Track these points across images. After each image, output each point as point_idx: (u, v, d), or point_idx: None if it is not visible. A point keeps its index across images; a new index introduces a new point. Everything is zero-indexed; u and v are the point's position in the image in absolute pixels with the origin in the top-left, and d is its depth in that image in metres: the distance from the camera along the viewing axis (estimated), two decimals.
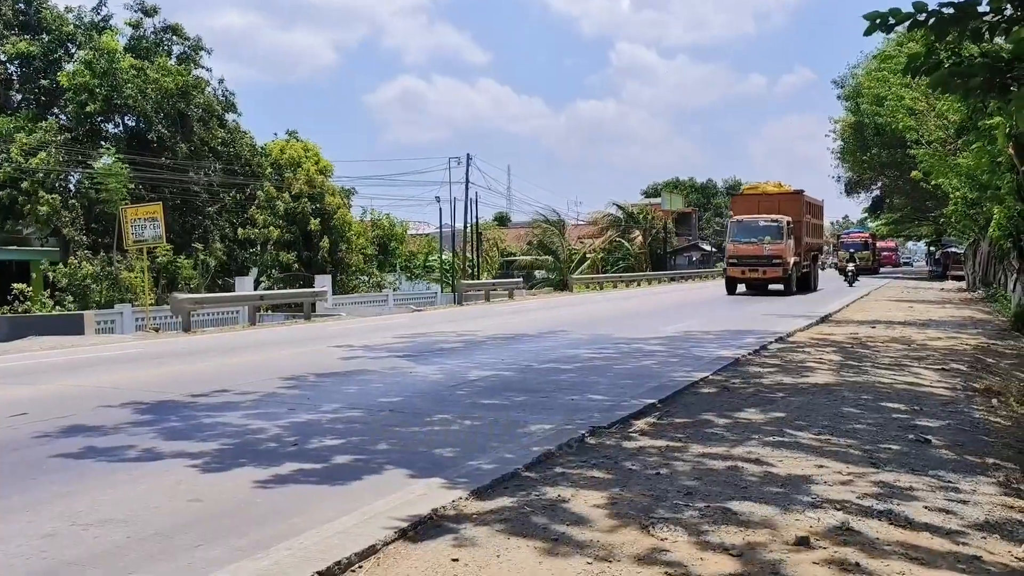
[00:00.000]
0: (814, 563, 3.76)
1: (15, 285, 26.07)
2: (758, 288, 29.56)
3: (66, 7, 35.68)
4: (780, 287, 29.32)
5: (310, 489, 5.13)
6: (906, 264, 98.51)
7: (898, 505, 4.63)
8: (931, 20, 5.84)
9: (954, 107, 19.40)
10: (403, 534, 4.16)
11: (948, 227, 40.21)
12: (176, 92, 33.33)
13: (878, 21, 5.84)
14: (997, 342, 14.40)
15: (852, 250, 49.01)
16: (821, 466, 5.48)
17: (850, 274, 37.80)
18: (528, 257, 53.31)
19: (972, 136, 18.38)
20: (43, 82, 33.57)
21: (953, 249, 53.04)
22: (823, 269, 47.16)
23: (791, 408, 7.57)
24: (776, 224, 28.88)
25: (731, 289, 29.78)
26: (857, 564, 3.75)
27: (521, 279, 39.66)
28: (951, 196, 26.39)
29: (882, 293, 31.78)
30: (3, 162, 29.72)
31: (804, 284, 31.32)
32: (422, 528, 4.26)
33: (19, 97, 34.87)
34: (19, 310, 25.32)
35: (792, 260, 28.92)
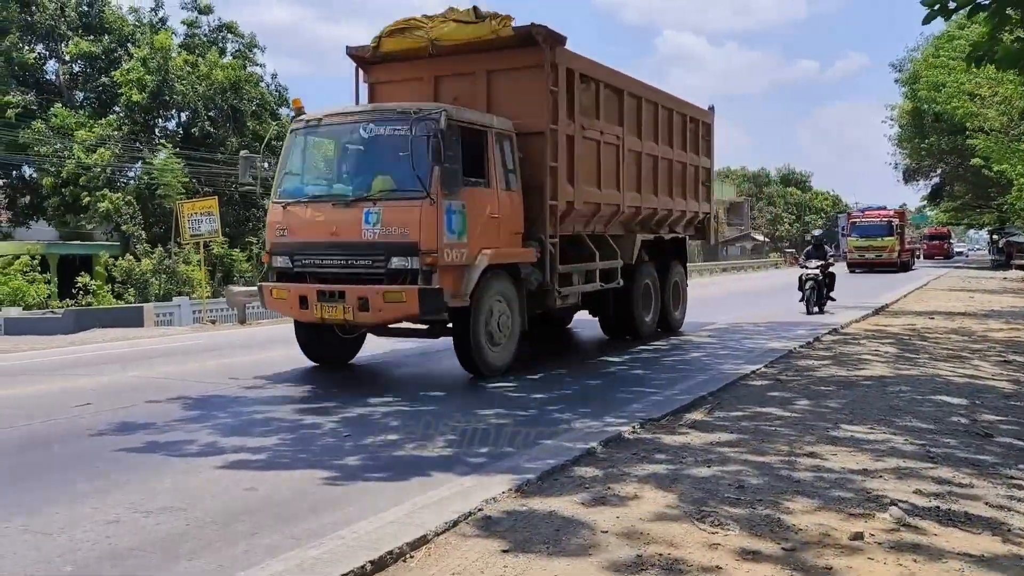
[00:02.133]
0: (869, 559, 3.70)
1: (79, 278, 26.91)
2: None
3: (130, 7, 36.73)
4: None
5: (361, 480, 5.20)
6: (959, 254, 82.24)
7: (957, 502, 4.53)
8: (994, 4, 5.67)
9: (1018, 91, 18.80)
10: (453, 525, 4.21)
11: (1012, 215, 38.97)
12: (228, 87, 33.98)
13: (937, 7, 5.69)
14: None
15: (823, 241, 19.42)
16: (876, 461, 5.38)
17: (809, 286, 17.07)
18: None
19: None
20: (104, 80, 34.52)
21: (1017, 238, 51.33)
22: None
23: (845, 402, 7.43)
24: (398, 132, 8.49)
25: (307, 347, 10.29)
26: (914, 562, 3.68)
27: None
28: (1015, 182, 25.59)
29: (942, 283, 30.92)
30: (66, 158, 30.68)
31: (623, 322, 12.42)
32: (472, 520, 4.30)
33: (81, 96, 35.92)
34: (83, 303, 26.13)
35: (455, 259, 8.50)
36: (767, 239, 74.00)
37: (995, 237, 62.80)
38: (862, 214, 43.39)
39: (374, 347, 12.67)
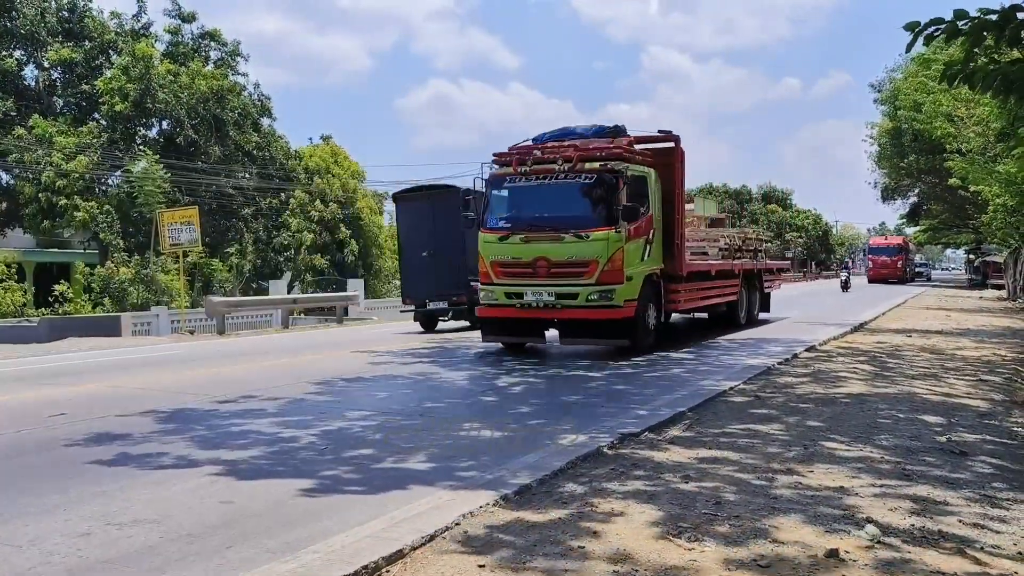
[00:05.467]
0: None
1: (56, 286, 26.62)
2: None
3: (111, 12, 36.49)
4: None
5: (339, 493, 5.16)
6: (919, 275, 64.03)
7: (932, 519, 4.56)
8: (970, 29, 5.76)
9: (995, 113, 19.08)
10: (431, 540, 4.18)
11: (988, 235, 39.50)
12: (211, 96, 33.86)
13: (918, 31, 5.76)
14: None
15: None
16: (853, 478, 5.41)
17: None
18: None
19: (1013, 142, 18.06)
20: (84, 87, 34.29)
21: (993, 257, 51.95)
22: None
23: (823, 418, 7.48)
24: None
25: None
26: None
27: None
28: (990, 203, 25.95)
29: (919, 301, 31.24)
30: (45, 165, 30.40)
31: None
32: (449, 535, 4.27)
33: (61, 103, 35.65)
34: (59, 311, 25.83)
35: None
36: None
37: (971, 257, 63.47)
38: (528, 149, 13.05)
39: (358, 366, 12.62)
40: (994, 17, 5.69)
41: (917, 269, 64.35)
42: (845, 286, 36.52)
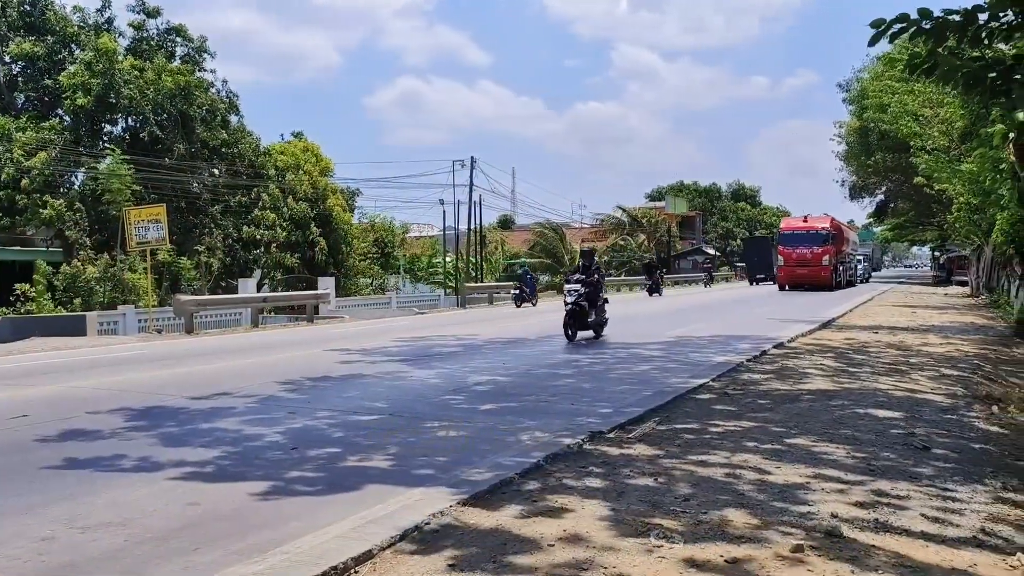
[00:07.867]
0: (809, 571, 3.77)
1: (18, 286, 26.09)
2: None
3: (74, 7, 35.80)
4: None
5: (307, 494, 5.13)
6: (853, 281, 45.38)
7: (894, 513, 4.63)
8: (933, 26, 5.86)
9: (958, 113, 19.41)
10: (399, 540, 4.17)
11: (952, 232, 40.14)
12: (177, 92, 33.39)
13: (882, 28, 5.86)
14: (999, 348, 14.37)
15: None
16: (817, 474, 5.48)
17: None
18: (532, 260, 53.37)
19: (975, 142, 18.39)
20: (47, 82, 33.68)
21: (958, 253, 52.77)
22: None
23: (789, 415, 7.57)
24: None
25: None
26: (851, 573, 3.76)
27: None
28: (954, 201, 26.39)
29: (886, 298, 31.70)
30: (6, 162, 29.78)
31: None
32: (418, 534, 4.27)
33: (23, 98, 34.97)
34: (22, 311, 25.34)
35: None
36: (719, 253, 75.09)
37: (936, 254, 64.53)
38: None
39: (328, 365, 12.57)
40: (957, 17, 5.80)
41: (859, 271, 49.00)
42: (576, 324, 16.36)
